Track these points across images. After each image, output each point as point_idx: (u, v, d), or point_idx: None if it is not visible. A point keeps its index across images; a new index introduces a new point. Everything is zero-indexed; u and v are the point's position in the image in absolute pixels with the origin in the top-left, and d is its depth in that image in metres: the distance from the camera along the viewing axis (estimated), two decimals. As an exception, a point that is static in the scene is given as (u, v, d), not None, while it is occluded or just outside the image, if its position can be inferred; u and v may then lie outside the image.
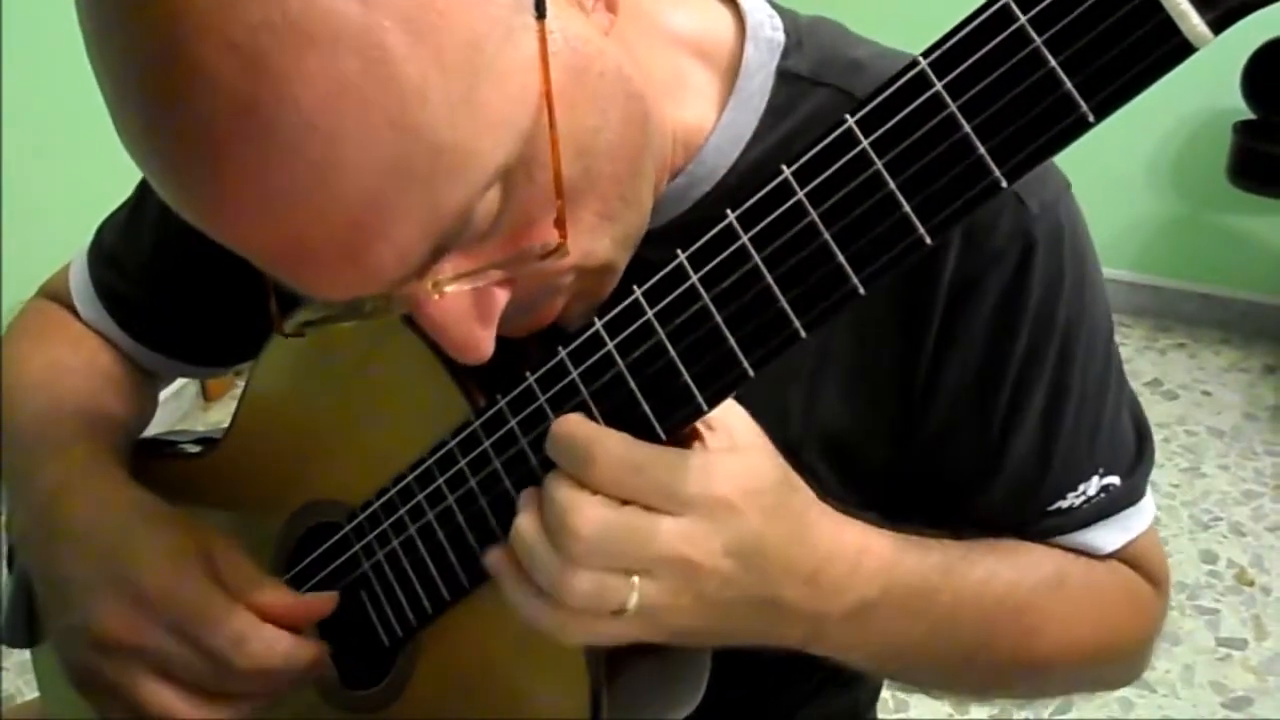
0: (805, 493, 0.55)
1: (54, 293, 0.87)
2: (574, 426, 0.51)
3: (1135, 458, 0.70)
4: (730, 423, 0.53)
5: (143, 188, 0.82)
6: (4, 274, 2.01)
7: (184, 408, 2.60)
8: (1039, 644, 0.66)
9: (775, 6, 0.67)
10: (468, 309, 0.52)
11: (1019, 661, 0.67)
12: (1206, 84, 2.53)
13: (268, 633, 0.64)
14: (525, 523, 0.52)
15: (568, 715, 0.59)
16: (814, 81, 0.64)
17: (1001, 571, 0.65)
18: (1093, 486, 0.68)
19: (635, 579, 0.50)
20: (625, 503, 0.50)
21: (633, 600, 0.50)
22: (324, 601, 0.67)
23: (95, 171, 2.10)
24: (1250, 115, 2.49)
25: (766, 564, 0.52)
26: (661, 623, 0.52)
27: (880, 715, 0.91)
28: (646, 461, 0.50)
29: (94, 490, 0.71)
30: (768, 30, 0.65)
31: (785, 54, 0.65)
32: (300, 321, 0.56)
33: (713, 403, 0.49)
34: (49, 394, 0.79)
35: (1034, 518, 0.68)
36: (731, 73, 0.64)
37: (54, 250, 1.01)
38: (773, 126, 0.64)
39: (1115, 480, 0.68)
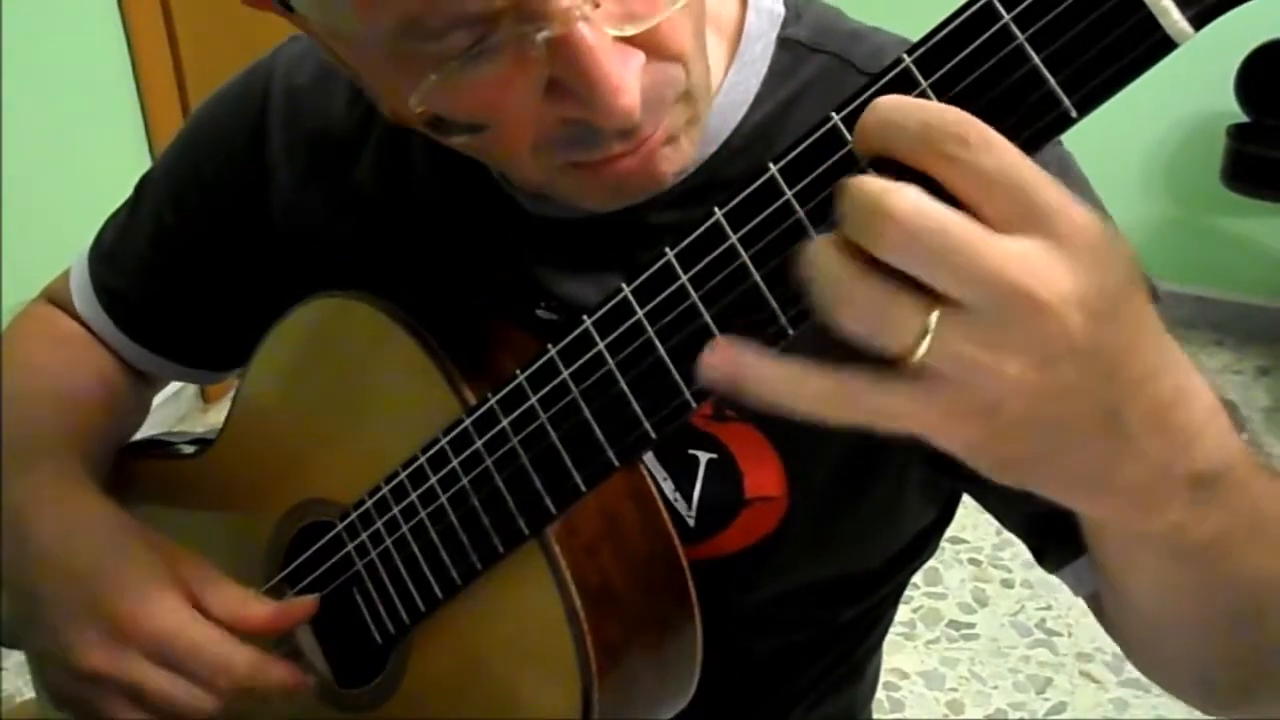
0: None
1: (55, 295, 0.87)
2: (935, 106, 0.39)
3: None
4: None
5: (141, 187, 0.83)
6: (4, 274, 2.01)
7: (182, 409, 2.60)
8: None
9: None
10: (613, 45, 0.49)
11: None
12: (1200, 87, 2.53)
13: (245, 655, 0.65)
14: (824, 238, 0.39)
15: (559, 712, 0.60)
16: (813, 48, 0.66)
17: None
18: None
19: (935, 313, 0.37)
20: None
21: (929, 332, 0.37)
22: (306, 605, 0.68)
23: (96, 172, 2.12)
24: (1244, 118, 2.49)
25: (1119, 349, 0.39)
26: (964, 397, 0.38)
27: (875, 715, 0.91)
28: (1007, 157, 0.37)
29: (62, 510, 0.71)
30: (768, 2, 0.67)
31: (785, 24, 0.66)
32: (424, 91, 0.51)
33: (699, 398, 0.49)
34: (26, 405, 0.79)
35: None
36: (734, 39, 0.66)
37: (54, 251, 1.01)
38: (774, 90, 0.65)
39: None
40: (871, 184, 0.37)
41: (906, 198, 0.36)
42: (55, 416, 0.78)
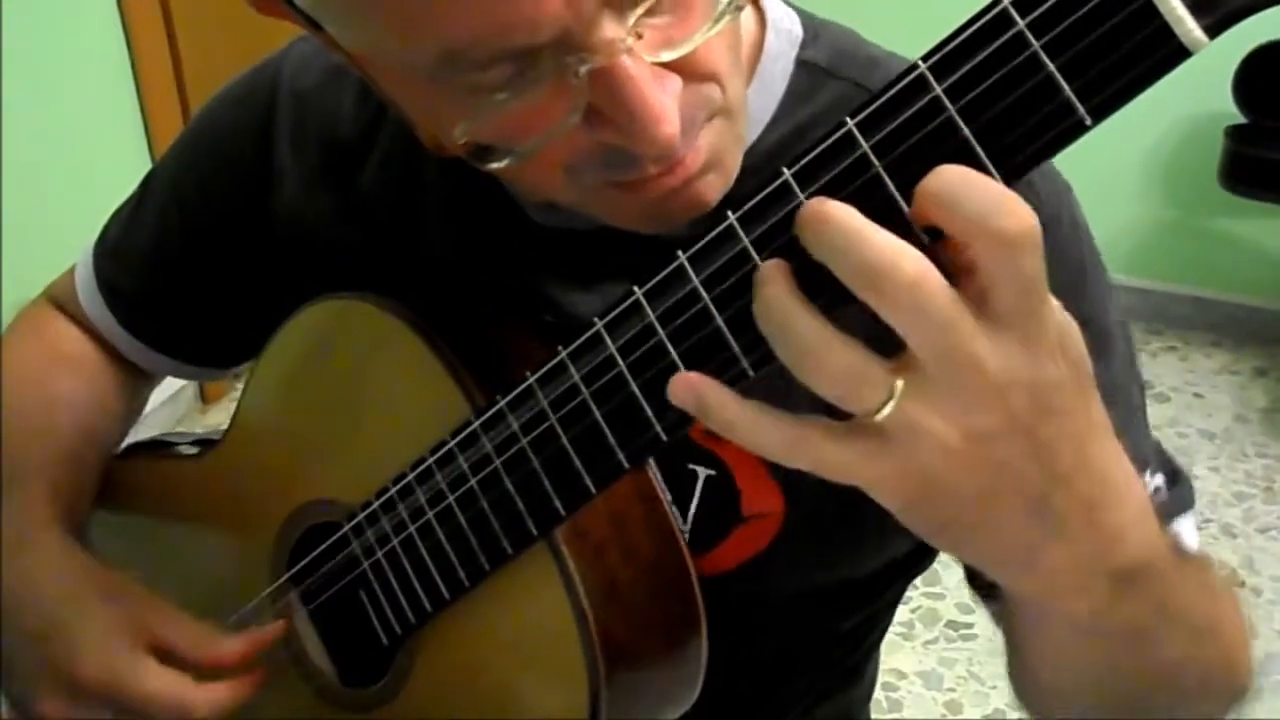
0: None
1: (57, 293, 0.87)
2: (987, 183, 0.39)
3: (1172, 464, 0.67)
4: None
5: (146, 183, 0.83)
6: (4, 274, 2.01)
7: (181, 410, 2.60)
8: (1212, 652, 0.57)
9: (789, 4, 0.69)
10: (652, 74, 0.48)
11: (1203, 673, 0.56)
12: (1198, 88, 2.53)
13: (208, 693, 0.66)
14: (782, 289, 0.41)
15: (566, 713, 0.60)
16: (832, 74, 0.65)
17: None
18: (1149, 483, 0.64)
19: (900, 380, 0.40)
20: None
21: (893, 399, 0.39)
22: (272, 631, 0.69)
23: (96, 172, 2.12)
24: (1242, 120, 2.49)
25: (1059, 438, 0.41)
26: (912, 459, 0.40)
27: (873, 715, 0.92)
28: (1033, 262, 0.39)
29: (21, 559, 0.72)
30: (786, 23, 0.67)
31: (803, 45, 0.66)
32: (463, 130, 0.52)
33: None
34: (5, 424, 0.79)
35: None
36: (753, 57, 0.65)
37: (54, 251, 1.01)
38: (791, 112, 0.65)
39: (1161, 483, 0.65)
40: (884, 240, 0.39)
41: (917, 264, 0.39)
42: (27, 444, 0.78)
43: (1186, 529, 0.66)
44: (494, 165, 0.53)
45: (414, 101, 0.55)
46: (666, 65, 0.49)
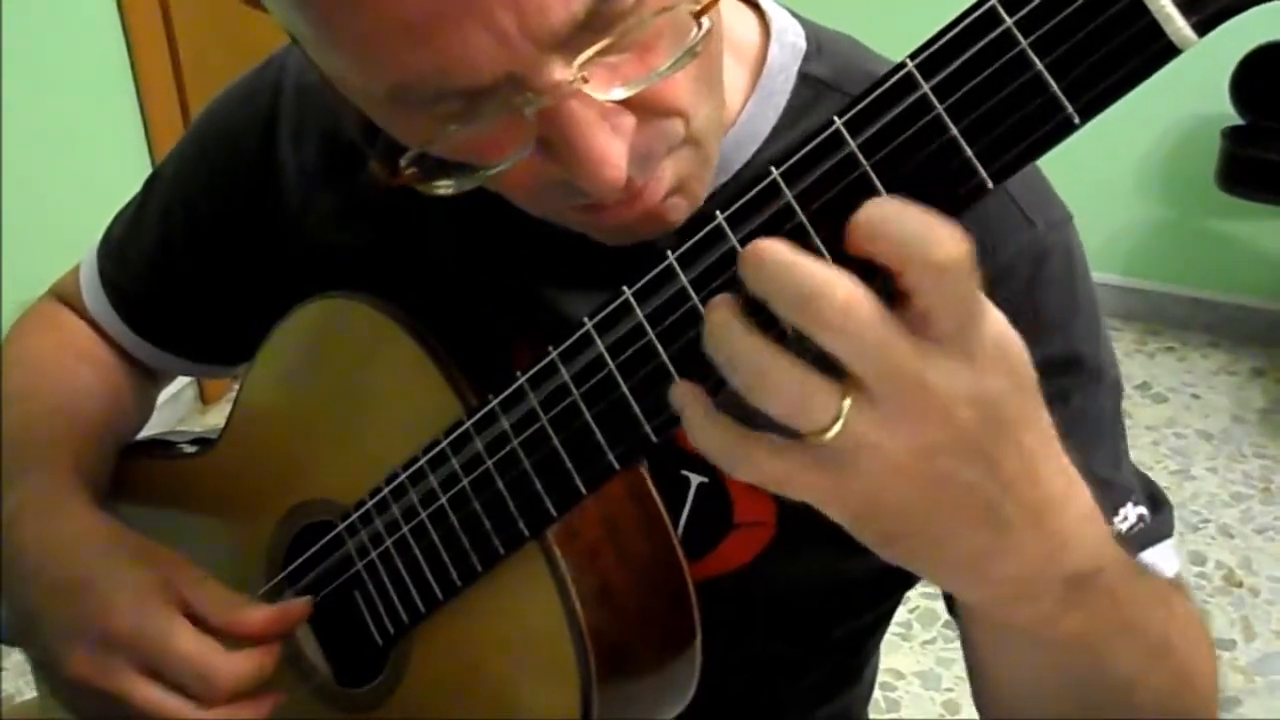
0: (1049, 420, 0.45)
1: (63, 292, 0.87)
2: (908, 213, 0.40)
3: (1154, 493, 0.68)
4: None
5: (150, 182, 0.83)
6: (4, 274, 2.01)
7: (181, 411, 2.60)
8: (1182, 676, 0.57)
9: (794, 15, 0.69)
10: (601, 116, 0.49)
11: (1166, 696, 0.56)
12: (1195, 90, 2.54)
13: (235, 662, 0.65)
14: (726, 312, 0.42)
15: (559, 713, 0.60)
16: (834, 87, 0.65)
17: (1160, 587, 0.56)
18: (1131, 514, 0.65)
19: (848, 400, 0.40)
20: None
21: (840, 418, 0.40)
22: (301, 608, 0.68)
23: (96, 172, 2.12)
24: (1239, 121, 2.49)
25: (1003, 448, 0.42)
26: (859, 475, 0.41)
27: (872, 715, 0.92)
28: (965, 284, 0.40)
29: (49, 524, 0.71)
30: (790, 35, 0.67)
31: (806, 59, 0.66)
32: (411, 156, 0.53)
33: None
34: (25, 408, 0.79)
35: None
36: (755, 69, 0.65)
37: (54, 251, 1.01)
38: (791, 126, 0.65)
39: (1145, 511, 0.65)
40: (815, 270, 0.40)
41: (849, 289, 0.39)
42: (52, 421, 0.78)
43: (1165, 555, 0.66)
44: (441, 191, 0.54)
45: (380, 121, 0.55)
46: (623, 102, 0.49)
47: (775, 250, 0.40)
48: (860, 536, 0.44)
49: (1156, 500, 0.68)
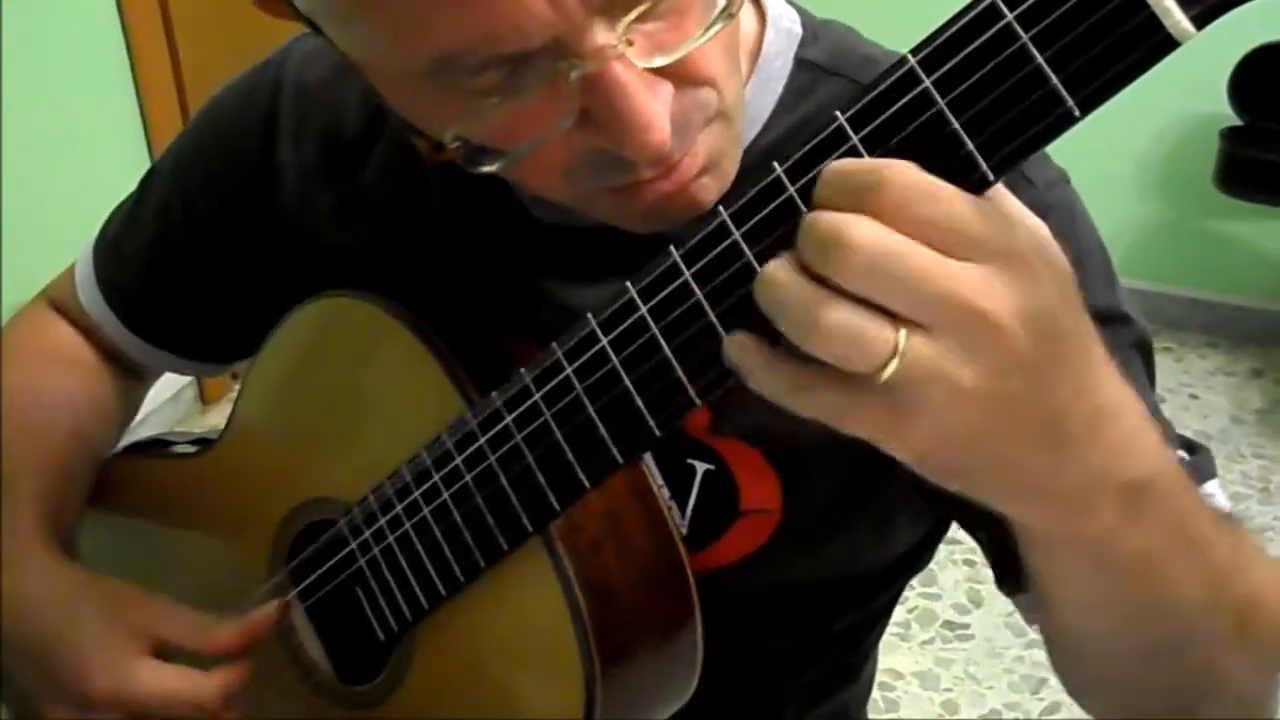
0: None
1: (55, 293, 0.87)
2: (854, 162, 0.42)
3: (1186, 439, 0.65)
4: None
5: (147, 178, 0.83)
6: (4, 274, 2.01)
7: (181, 411, 2.60)
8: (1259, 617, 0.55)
9: (789, 2, 0.69)
10: (643, 82, 0.49)
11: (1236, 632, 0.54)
12: (1194, 90, 2.54)
13: (216, 678, 0.67)
14: (776, 264, 0.42)
15: (562, 709, 0.60)
16: (830, 71, 0.66)
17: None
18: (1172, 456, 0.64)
19: (903, 331, 0.40)
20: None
21: (899, 353, 0.39)
22: (269, 615, 0.70)
23: (96, 172, 2.11)
24: (1237, 121, 2.50)
25: (1059, 361, 0.42)
26: (922, 409, 0.40)
27: (870, 715, 0.92)
28: (945, 194, 0.40)
29: (13, 575, 0.72)
30: (786, 21, 0.67)
31: (802, 44, 0.67)
32: (454, 134, 0.52)
33: (704, 396, 0.49)
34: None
35: None
36: (753, 56, 0.66)
37: (54, 251, 1.01)
38: (790, 110, 0.65)
39: (1184, 455, 0.63)
40: (830, 217, 0.40)
41: (865, 228, 0.39)
42: (24, 442, 0.78)
43: (1216, 492, 0.64)
44: (486, 168, 0.53)
45: (409, 104, 0.55)
46: (660, 71, 0.49)
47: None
48: (926, 472, 0.44)
49: (1192, 445, 0.66)
